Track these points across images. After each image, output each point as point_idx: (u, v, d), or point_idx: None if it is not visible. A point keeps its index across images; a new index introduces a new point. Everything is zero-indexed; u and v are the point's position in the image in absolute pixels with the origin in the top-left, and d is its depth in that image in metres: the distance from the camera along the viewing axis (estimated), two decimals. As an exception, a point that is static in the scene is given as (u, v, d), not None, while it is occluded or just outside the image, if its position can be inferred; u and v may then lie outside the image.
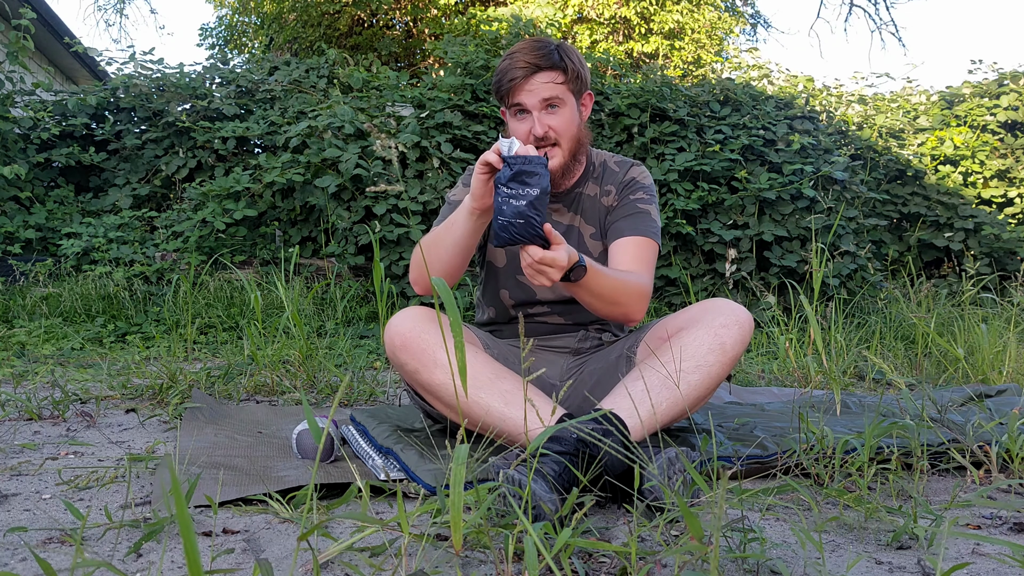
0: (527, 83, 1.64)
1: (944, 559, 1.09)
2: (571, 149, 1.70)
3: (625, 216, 1.74)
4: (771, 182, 4.73)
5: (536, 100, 1.64)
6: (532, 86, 1.64)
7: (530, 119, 1.66)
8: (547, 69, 1.64)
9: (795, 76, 6.99)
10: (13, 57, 5.03)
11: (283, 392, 2.41)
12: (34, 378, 2.49)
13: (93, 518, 1.21)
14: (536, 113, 1.65)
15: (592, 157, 1.82)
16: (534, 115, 1.65)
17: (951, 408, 2.01)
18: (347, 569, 1.02)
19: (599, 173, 1.82)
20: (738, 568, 1.03)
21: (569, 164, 1.71)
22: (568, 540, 0.90)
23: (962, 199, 5.94)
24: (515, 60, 1.65)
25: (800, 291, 2.87)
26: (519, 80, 1.64)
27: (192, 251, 4.43)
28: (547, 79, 1.64)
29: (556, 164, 1.68)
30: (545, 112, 1.66)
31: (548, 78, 1.64)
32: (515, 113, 1.68)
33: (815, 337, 2.39)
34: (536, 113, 1.65)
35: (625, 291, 1.57)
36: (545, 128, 1.65)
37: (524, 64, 1.63)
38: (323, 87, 5.89)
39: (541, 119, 1.65)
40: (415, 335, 1.50)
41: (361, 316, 4.10)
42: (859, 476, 1.34)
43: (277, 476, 1.42)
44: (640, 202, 1.75)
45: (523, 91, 1.64)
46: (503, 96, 1.69)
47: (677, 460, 1.25)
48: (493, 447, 1.49)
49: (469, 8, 10.76)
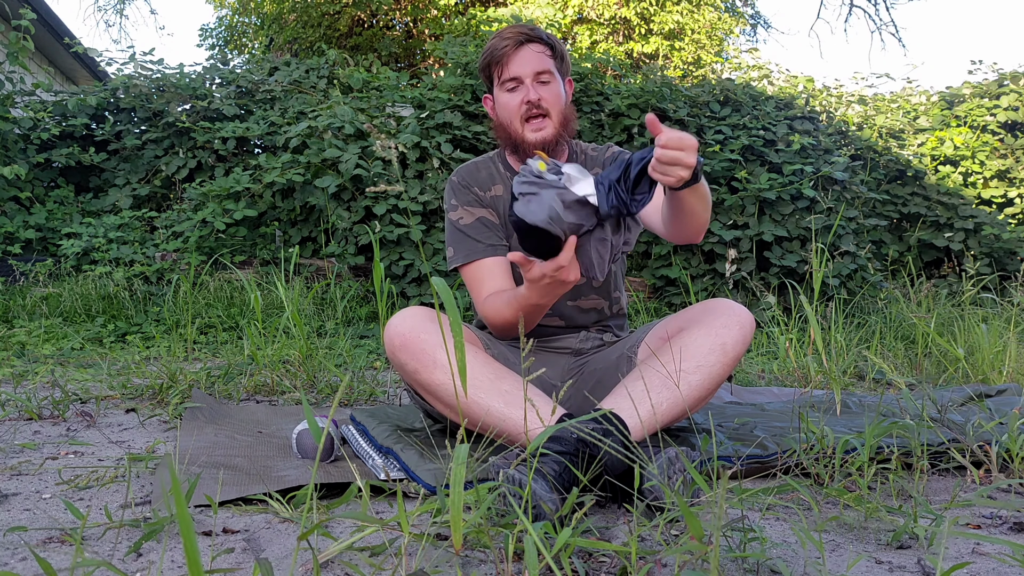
0: (518, 53, 1.68)
1: (944, 559, 1.09)
2: (560, 122, 1.71)
3: None
4: (771, 182, 4.73)
5: (529, 70, 1.67)
6: (524, 55, 1.68)
7: (522, 89, 1.68)
8: (536, 41, 1.69)
9: (795, 76, 7.00)
10: (13, 57, 5.03)
11: (283, 392, 2.41)
12: (34, 378, 2.49)
13: (93, 518, 1.21)
14: (528, 81, 1.68)
15: (573, 147, 1.84)
16: (527, 83, 1.68)
17: (951, 408, 2.01)
18: (347, 569, 1.02)
19: (582, 160, 1.83)
20: (738, 568, 1.03)
21: (559, 135, 1.72)
22: (568, 540, 0.90)
23: (962, 199, 5.94)
24: (503, 34, 1.70)
25: (800, 291, 2.88)
26: (510, 49, 1.68)
27: (192, 251, 4.43)
28: (538, 49, 1.69)
29: (548, 134, 1.70)
30: (537, 84, 1.68)
31: (538, 49, 1.69)
32: (507, 88, 1.70)
33: (815, 337, 2.39)
34: (528, 81, 1.68)
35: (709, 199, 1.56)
36: (538, 95, 1.67)
37: (514, 34, 1.68)
38: (323, 87, 5.89)
39: (534, 87, 1.68)
40: (415, 335, 1.50)
41: (361, 316, 4.10)
42: (859, 476, 1.34)
43: (277, 476, 1.42)
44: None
45: (515, 61, 1.68)
46: (493, 69, 1.71)
47: (677, 460, 1.24)
48: (493, 447, 1.49)
49: (469, 9, 10.77)
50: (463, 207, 1.77)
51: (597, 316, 1.83)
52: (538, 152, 1.41)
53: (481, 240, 1.72)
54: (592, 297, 1.80)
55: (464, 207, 1.76)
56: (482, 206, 1.76)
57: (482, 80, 1.79)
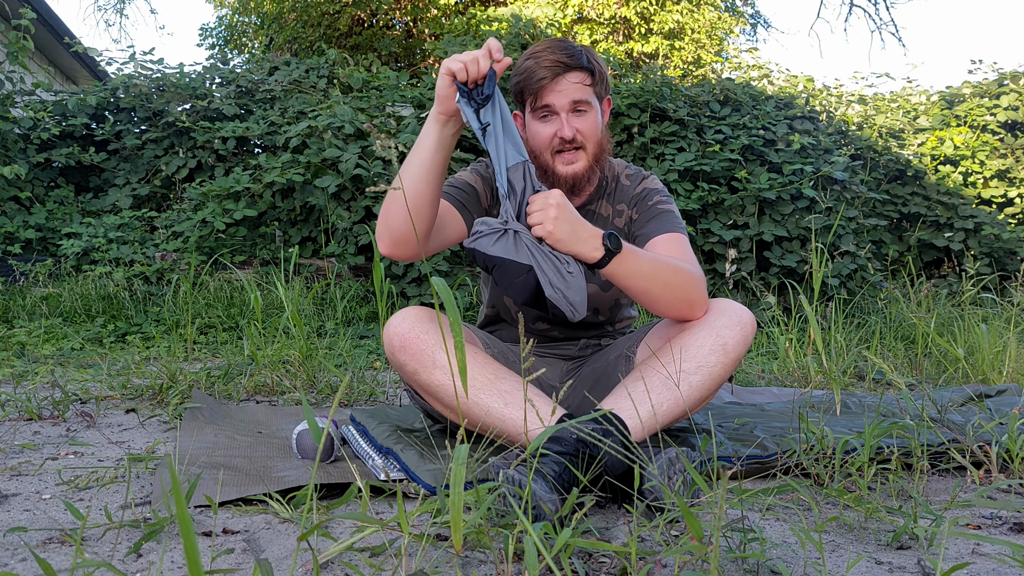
0: (556, 84, 1.57)
1: (944, 559, 1.09)
2: (595, 154, 1.64)
3: (649, 220, 1.68)
4: (771, 182, 4.73)
5: (566, 102, 1.58)
6: (561, 87, 1.58)
7: (556, 121, 1.60)
8: (576, 69, 1.58)
9: (795, 76, 6.99)
10: (13, 57, 5.03)
11: (283, 392, 2.41)
12: (34, 378, 2.49)
13: (93, 518, 1.21)
14: (564, 115, 1.59)
15: (606, 170, 1.76)
16: (562, 116, 1.59)
17: (951, 408, 2.01)
18: (347, 569, 1.02)
19: (611, 189, 1.76)
20: (738, 568, 1.03)
21: (592, 169, 1.65)
22: (568, 540, 0.90)
23: (962, 199, 5.94)
24: (542, 60, 1.58)
25: (800, 291, 2.87)
26: (548, 81, 1.57)
27: (192, 251, 4.43)
28: (576, 79, 1.58)
29: (580, 168, 1.63)
30: (572, 115, 1.60)
31: (577, 79, 1.59)
32: (540, 116, 1.61)
33: (815, 337, 2.39)
34: (564, 115, 1.59)
35: (675, 271, 1.48)
36: (573, 131, 1.59)
37: (552, 63, 1.57)
38: (323, 87, 5.89)
39: (569, 121, 1.59)
40: (414, 335, 1.50)
41: (361, 316, 4.10)
42: (859, 476, 1.34)
43: (277, 476, 1.42)
44: (660, 204, 1.70)
45: (552, 92, 1.58)
46: (527, 97, 1.61)
47: (677, 460, 1.24)
48: (493, 447, 1.49)
49: (469, 8, 10.77)
50: (468, 171, 1.71)
51: (597, 331, 1.84)
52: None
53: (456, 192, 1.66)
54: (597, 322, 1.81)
55: (468, 172, 1.71)
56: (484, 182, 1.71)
57: (512, 99, 1.69)
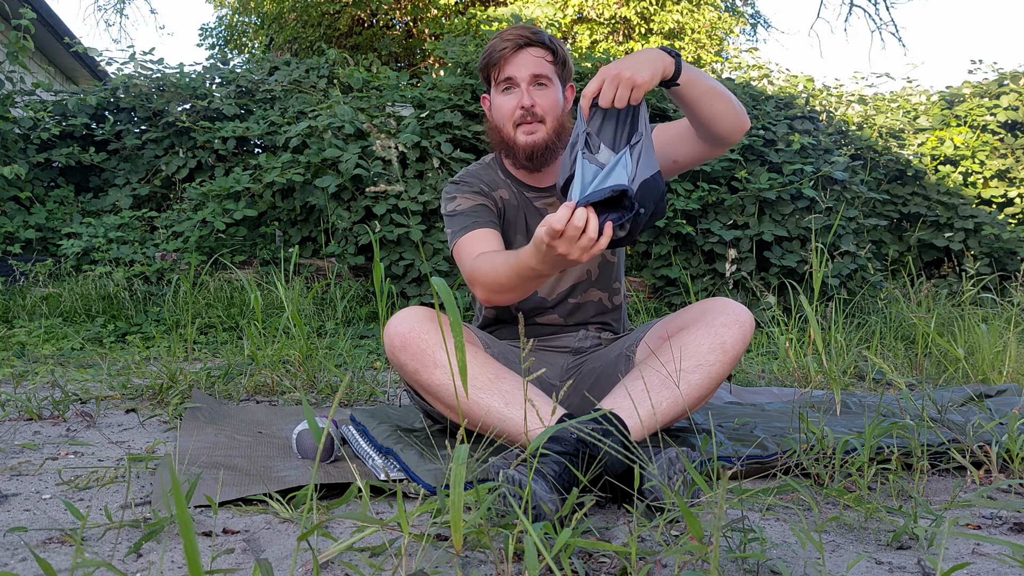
0: (516, 56, 1.66)
1: (944, 559, 1.09)
2: (555, 128, 1.69)
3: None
4: (771, 182, 4.73)
5: (526, 73, 1.66)
6: (523, 58, 1.66)
7: (517, 92, 1.67)
8: (537, 45, 1.67)
9: (795, 76, 6.99)
10: (13, 57, 5.03)
11: (283, 392, 2.41)
12: (34, 378, 2.49)
13: (93, 518, 1.21)
14: (524, 86, 1.67)
15: None
16: (522, 87, 1.66)
17: (951, 408, 2.01)
18: (347, 569, 1.02)
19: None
20: (738, 568, 1.03)
21: (552, 142, 1.70)
22: (568, 540, 0.90)
23: (962, 199, 5.94)
24: (504, 35, 1.68)
25: (800, 291, 2.87)
26: (509, 51, 1.66)
27: (192, 251, 4.43)
28: (538, 54, 1.67)
29: (540, 138, 1.68)
30: (534, 87, 1.67)
31: (539, 53, 1.67)
32: (502, 89, 1.69)
33: (815, 337, 2.39)
34: (524, 86, 1.67)
35: (725, 92, 1.52)
36: (532, 101, 1.66)
37: (515, 36, 1.66)
38: (323, 87, 5.89)
39: (529, 91, 1.66)
40: (415, 335, 1.50)
41: (361, 316, 4.10)
42: (859, 476, 1.34)
43: (277, 476, 1.42)
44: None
45: (512, 63, 1.66)
46: (491, 71, 1.70)
47: (677, 460, 1.25)
48: (493, 447, 1.49)
49: (469, 8, 10.77)
50: (462, 196, 1.74)
51: (596, 309, 1.83)
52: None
53: (480, 216, 1.70)
54: (592, 290, 1.80)
55: (464, 195, 1.74)
56: (484, 196, 1.74)
57: (481, 80, 1.78)
